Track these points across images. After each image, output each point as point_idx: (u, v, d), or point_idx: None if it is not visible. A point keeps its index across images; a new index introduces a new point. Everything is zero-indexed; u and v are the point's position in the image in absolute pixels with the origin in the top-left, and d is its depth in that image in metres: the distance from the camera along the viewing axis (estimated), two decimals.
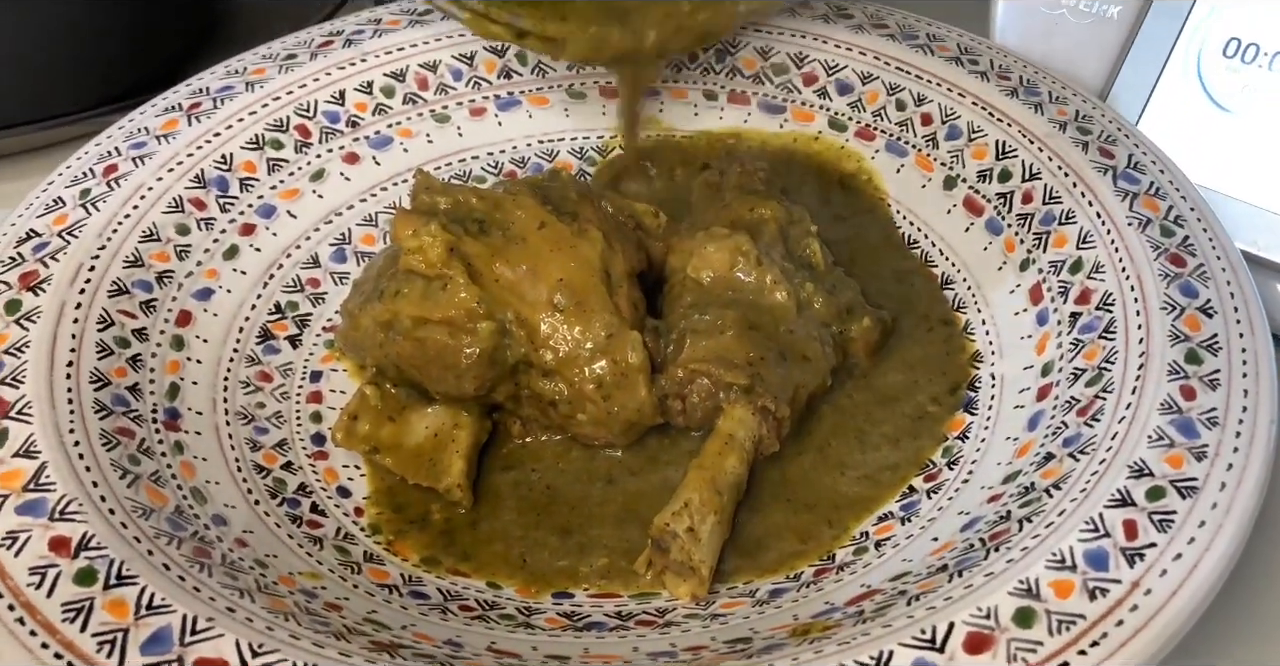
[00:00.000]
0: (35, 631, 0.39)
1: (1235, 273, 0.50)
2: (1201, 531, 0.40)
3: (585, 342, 0.50)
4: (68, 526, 0.42)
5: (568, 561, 0.49)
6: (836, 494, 0.51)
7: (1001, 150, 0.59)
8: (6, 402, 0.46)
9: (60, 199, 0.55)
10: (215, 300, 0.56)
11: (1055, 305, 0.53)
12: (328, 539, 0.49)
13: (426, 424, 0.52)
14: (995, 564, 0.41)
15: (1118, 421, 0.45)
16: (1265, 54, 0.57)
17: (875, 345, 0.55)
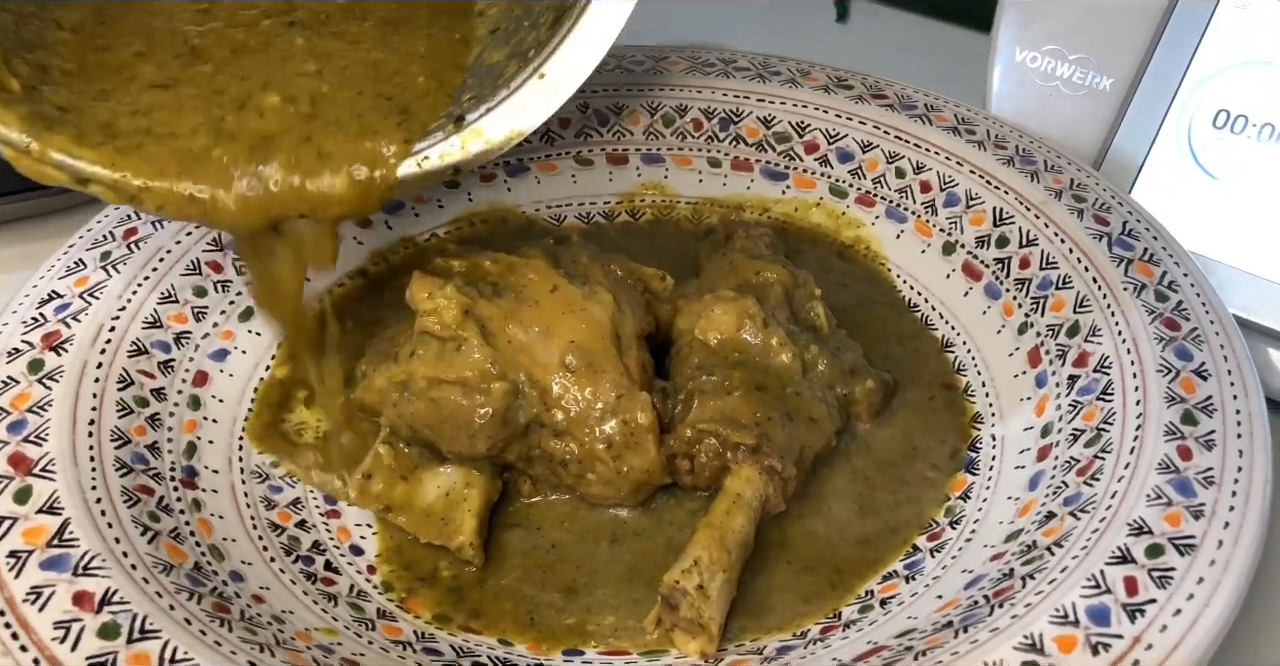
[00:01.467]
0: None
1: (1228, 336, 0.51)
2: (1200, 588, 0.41)
3: (596, 403, 0.51)
4: (91, 581, 0.43)
5: (575, 619, 0.49)
6: (837, 556, 0.51)
7: (999, 217, 0.60)
8: (30, 460, 0.47)
9: (81, 261, 0.56)
10: (231, 361, 0.58)
11: (1054, 367, 0.54)
12: (342, 596, 0.50)
13: (439, 483, 0.53)
14: (1000, 619, 0.42)
15: (1117, 480, 0.46)
16: (1253, 125, 0.59)
17: (878, 407, 0.56)
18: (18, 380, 0.51)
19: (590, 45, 0.48)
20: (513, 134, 0.49)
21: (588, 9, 0.47)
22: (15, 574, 0.43)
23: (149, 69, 0.50)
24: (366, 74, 0.51)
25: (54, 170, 0.46)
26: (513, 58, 0.50)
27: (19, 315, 0.54)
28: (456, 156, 0.48)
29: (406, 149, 0.48)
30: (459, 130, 0.48)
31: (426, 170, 0.48)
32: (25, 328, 0.53)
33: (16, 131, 0.45)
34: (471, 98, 0.50)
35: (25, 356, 0.51)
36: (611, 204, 0.69)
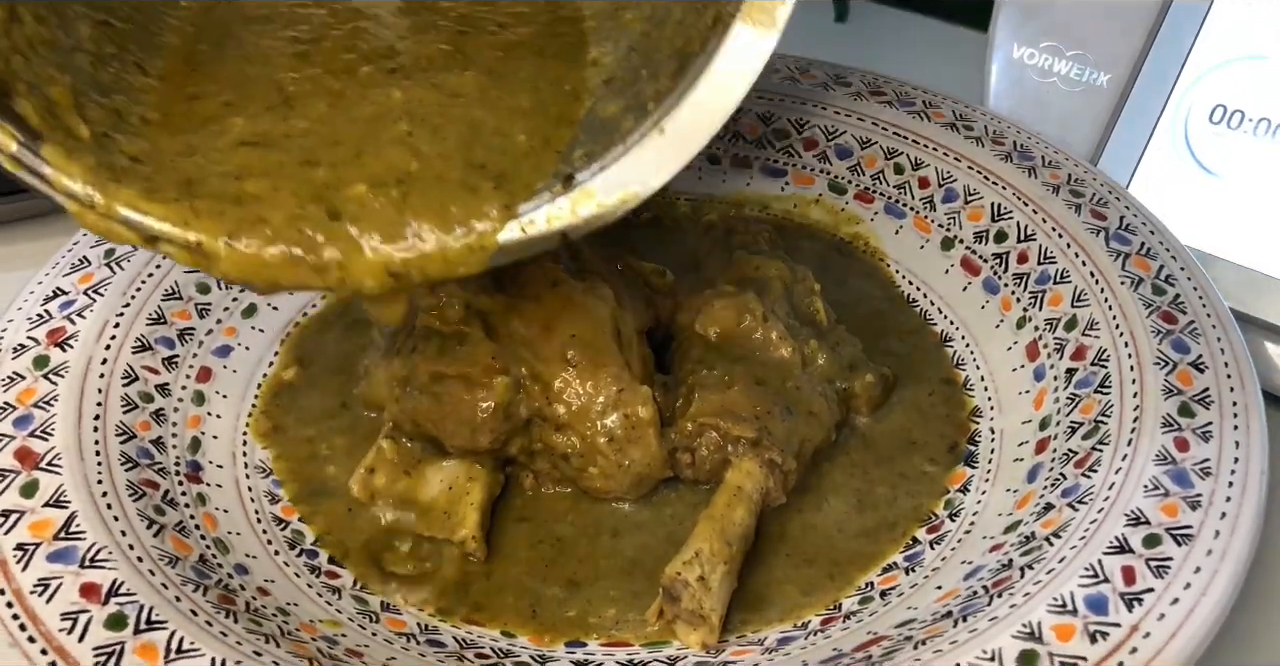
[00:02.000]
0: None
1: (1225, 329, 0.52)
2: (1197, 577, 0.42)
3: (597, 397, 0.51)
4: (98, 573, 0.43)
5: (577, 611, 0.50)
6: (836, 549, 0.52)
7: (997, 212, 0.61)
8: (36, 454, 0.48)
9: (86, 258, 0.57)
10: (234, 356, 0.58)
11: (1052, 361, 0.55)
12: (346, 589, 0.50)
13: (441, 477, 0.53)
14: (999, 609, 0.42)
15: (1114, 472, 0.47)
16: (1250, 120, 0.59)
17: (877, 400, 0.57)
18: (23, 375, 0.51)
19: (718, 98, 0.41)
20: (627, 196, 0.43)
21: (715, 56, 0.41)
22: (23, 566, 0.43)
23: (239, 122, 0.46)
24: (463, 137, 0.46)
25: (122, 227, 0.42)
26: (630, 110, 0.44)
27: (24, 311, 0.54)
28: (565, 220, 0.43)
29: (508, 213, 0.43)
30: (568, 191, 0.43)
31: (531, 235, 0.43)
32: (31, 324, 0.53)
33: (80, 183, 0.42)
34: (583, 155, 0.44)
35: (31, 352, 0.52)
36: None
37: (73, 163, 0.41)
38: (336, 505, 0.54)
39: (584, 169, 0.43)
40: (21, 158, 0.41)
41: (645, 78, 0.45)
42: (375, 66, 0.49)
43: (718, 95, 0.41)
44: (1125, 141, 0.63)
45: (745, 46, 0.40)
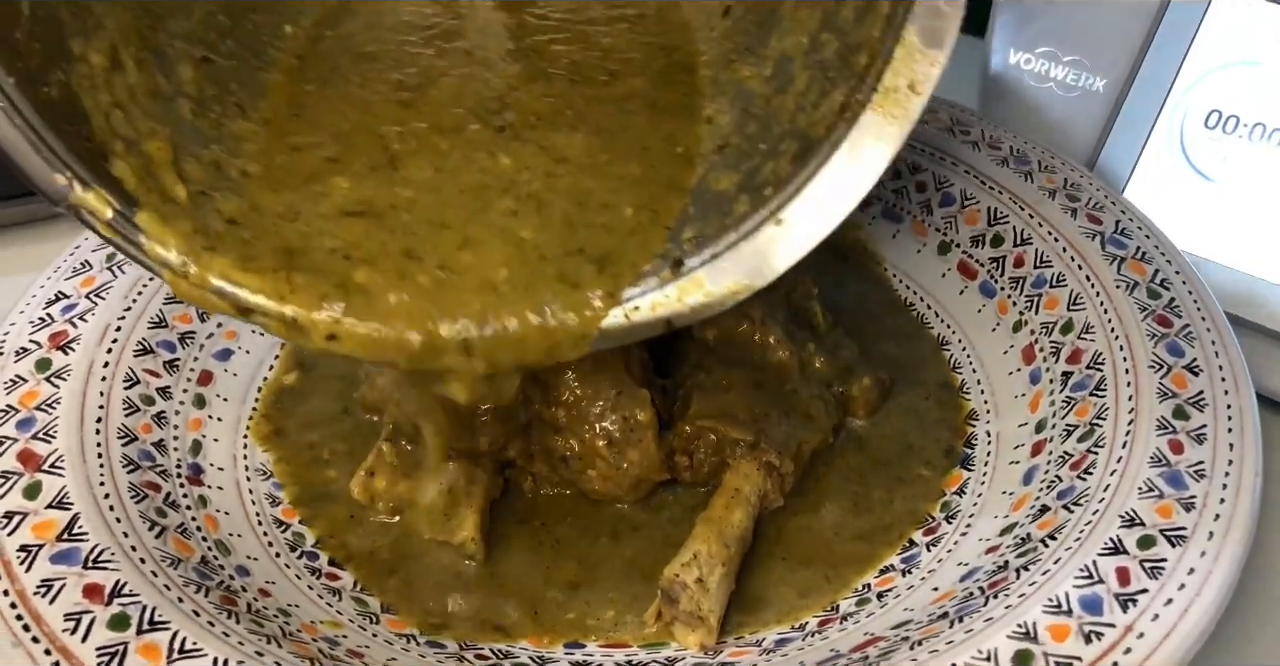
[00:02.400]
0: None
1: (1220, 333, 0.52)
2: (1191, 578, 0.42)
3: (596, 400, 0.51)
4: (101, 574, 0.44)
5: (576, 613, 0.50)
6: (833, 552, 0.52)
7: (993, 216, 0.61)
8: (39, 456, 0.48)
9: (87, 262, 0.57)
10: (235, 360, 0.58)
11: (1048, 364, 0.55)
12: (346, 590, 0.50)
13: (441, 480, 0.53)
14: (994, 610, 0.42)
15: (1109, 474, 0.47)
16: (1245, 125, 0.60)
17: (875, 404, 0.57)
18: (26, 379, 0.51)
19: (839, 193, 0.40)
20: (738, 288, 0.41)
21: (841, 146, 0.39)
22: (26, 567, 0.43)
23: (343, 183, 0.45)
24: (568, 215, 0.44)
25: (215, 298, 0.41)
26: (744, 190, 0.43)
27: (26, 315, 0.54)
28: (671, 308, 0.42)
29: (613, 301, 0.42)
30: (676, 278, 0.42)
31: (635, 322, 0.42)
32: (33, 327, 0.54)
33: (175, 252, 0.41)
34: (693, 237, 0.43)
35: (33, 355, 0.52)
36: None
37: (168, 230, 0.41)
38: (337, 509, 0.54)
39: (694, 254, 0.42)
40: (116, 225, 0.40)
41: (762, 153, 0.43)
42: (484, 124, 0.48)
43: (840, 190, 0.40)
44: (1121, 146, 0.63)
45: (873, 139, 0.39)
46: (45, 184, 0.39)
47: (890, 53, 0.38)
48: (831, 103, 0.40)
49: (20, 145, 0.38)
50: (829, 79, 0.42)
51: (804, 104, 0.43)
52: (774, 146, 0.43)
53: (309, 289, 0.41)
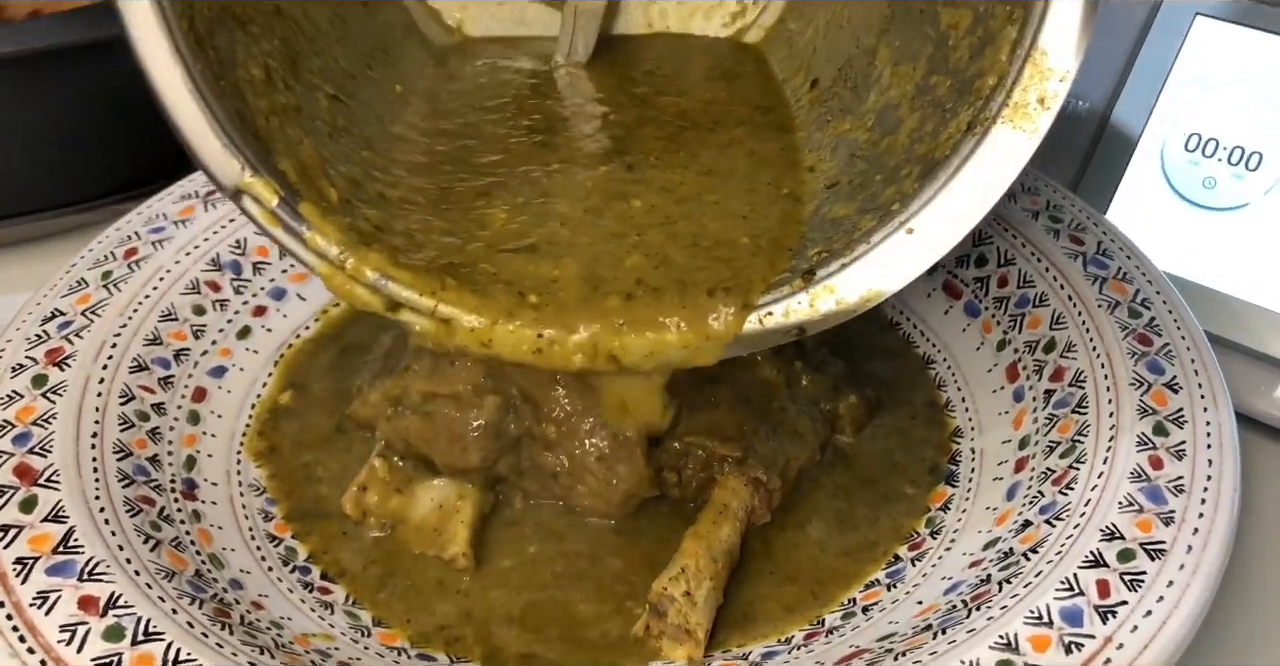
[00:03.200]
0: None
1: (1199, 351, 0.53)
2: (1170, 590, 0.43)
3: (586, 417, 0.52)
4: (96, 586, 0.44)
5: (565, 627, 0.50)
6: (818, 568, 0.53)
7: (978, 237, 0.62)
8: (35, 470, 0.48)
9: (83, 280, 0.58)
10: (229, 377, 0.59)
11: (1030, 382, 0.56)
12: (338, 604, 0.51)
13: (432, 495, 0.54)
14: (976, 621, 0.43)
15: (1090, 489, 0.48)
16: (1224, 148, 0.61)
17: (861, 421, 0.58)
18: (22, 394, 0.52)
19: (971, 201, 0.41)
20: (870, 294, 0.43)
21: (970, 160, 0.41)
22: (22, 579, 0.44)
23: (500, 216, 0.48)
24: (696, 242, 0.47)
25: (366, 291, 0.43)
26: (867, 212, 0.44)
27: (23, 332, 0.55)
28: (804, 314, 0.43)
29: (746, 311, 0.44)
30: (808, 286, 0.43)
31: (768, 328, 0.44)
32: (29, 344, 0.54)
33: (334, 244, 0.43)
34: (820, 252, 0.44)
35: (29, 371, 0.53)
36: None
37: (327, 222, 0.43)
38: (329, 525, 0.54)
39: (825, 265, 0.43)
40: (280, 213, 0.42)
41: (880, 182, 0.45)
42: (614, 166, 0.51)
43: (971, 199, 0.41)
44: (1103, 169, 0.64)
45: (1003, 151, 0.40)
46: (218, 166, 0.41)
47: (1020, 73, 0.40)
48: (956, 124, 0.42)
49: (201, 127, 0.40)
50: (946, 110, 0.43)
51: (920, 136, 0.44)
52: (892, 175, 0.44)
53: (459, 290, 0.44)
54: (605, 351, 0.44)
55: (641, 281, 0.45)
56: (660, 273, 0.45)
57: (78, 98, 0.71)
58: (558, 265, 0.46)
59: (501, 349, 0.44)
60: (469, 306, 0.44)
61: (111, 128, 0.74)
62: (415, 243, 0.45)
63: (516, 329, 0.44)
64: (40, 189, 0.74)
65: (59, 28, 0.67)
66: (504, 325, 0.44)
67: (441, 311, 0.44)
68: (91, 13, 0.68)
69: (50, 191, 0.74)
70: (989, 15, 0.42)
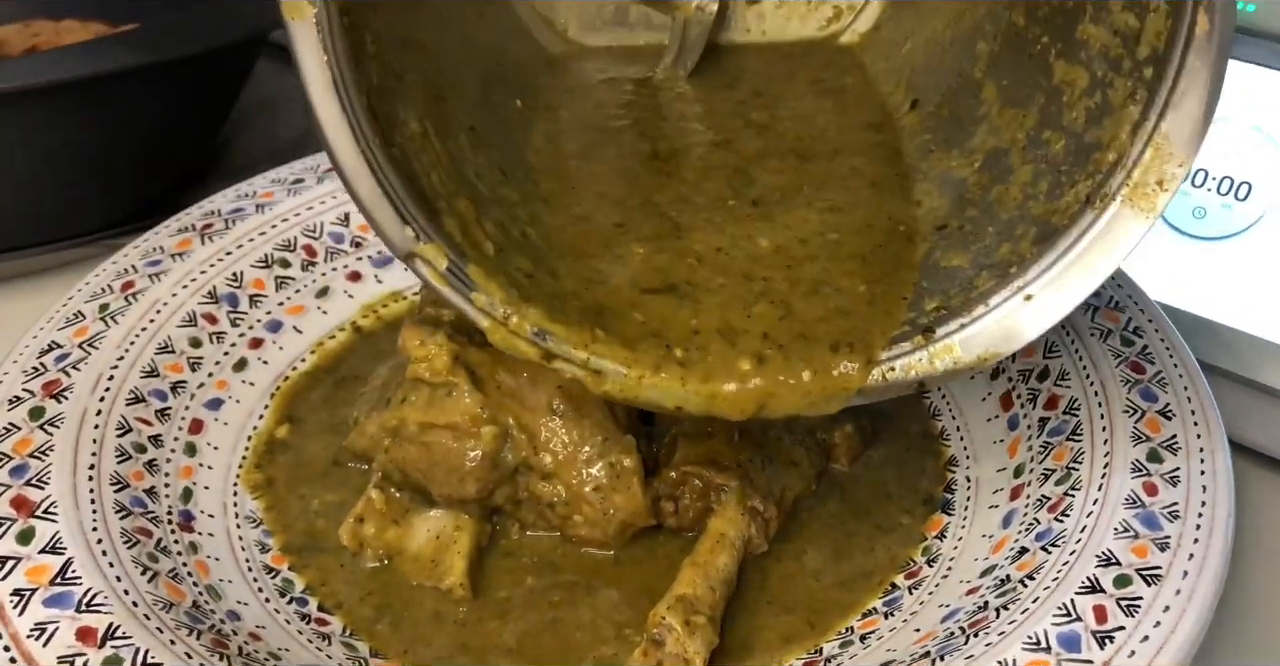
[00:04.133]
0: None
1: (1191, 379, 0.53)
2: (1166, 615, 0.43)
3: (583, 446, 0.52)
4: (94, 617, 0.44)
5: (562, 658, 0.50)
6: (814, 598, 0.53)
7: None
8: (32, 502, 0.48)
9: (80, 313, 0.58)
10: (225, 410, 0.59)
11: (1025, 411, 0.56)
12: (335, 636, 0.51)
13: (429, 527, 0.54)
14: (975, 648, 0.43)
15: (1086, 516, 0.48)
16: (1213, 178, 0.61)
17: (857, 451, 0.58)
18: (19, 426, 0.52)
19: (1089, 275, 0.44)
20: (987, 356, 0.45)
21: (1089, 235, 0.43)
22: (19, 611, 0.44)
23: (638, 249, 0.50)
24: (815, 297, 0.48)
25: (526, 344, 0.45)
26: (982, 268, 0.46)
27: (19, 365, 0.55)
28: (924, 370, 0.46)
29: (869, 369, 0.46)
30: (928, 344, 0.46)
31: (890, 382, 0.46)
32: (26, 376, 0.54)
33: (499, 304, 0.45)
34: (937, 308, 0.46)
35: (26, 404, 0.53)
36: None
37: (491, 282, 0.44)
38: (326, 557, 0.54)
39: (943, 323, 0.46)
40: (449, 276, 0.43)
41: (994, 235, 0.47)
42: (739, 198, 0.53)
43: (1088, 273, 0.43)
44: None
45: (1121, 228, 0.42)
46: (394, 234, 0.42)
47: (1142, 155, 0.42)
48: (1075, 194, 0.44)
49: (377, 198, 0.42)
50: (1063, 173, 0.45)
51: (1035, 194, 0.46)
52: (1007, 230, 0.46)
53: (611, 342, 0.46)
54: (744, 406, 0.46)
55: (769, 336, 0.47)
56: (785, 325, 0.47)
57: (74, 133, 0.72)
58: (696, 313, 0.47)
59: (648, 396, 0.46)
60: (619, 359, 0.46)
61: (108, 162, 0.75)
62: (563, 289, 0.48)
63: (662, 381, 0.46)
64: (37, 223, 0.74)
65: (56, 64, 0.68)
66: (651, 378, 0.46)
67: (593, 364, 0.46)
68: (88, 48, 0.69)
69: (46, 226, 0.74)
70: (1107, 83, 0.43)
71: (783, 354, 0.46)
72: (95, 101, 0.70)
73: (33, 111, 0.68)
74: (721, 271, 0.49)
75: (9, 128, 0.69)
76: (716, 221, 0.52)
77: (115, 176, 0.76)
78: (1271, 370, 0.59)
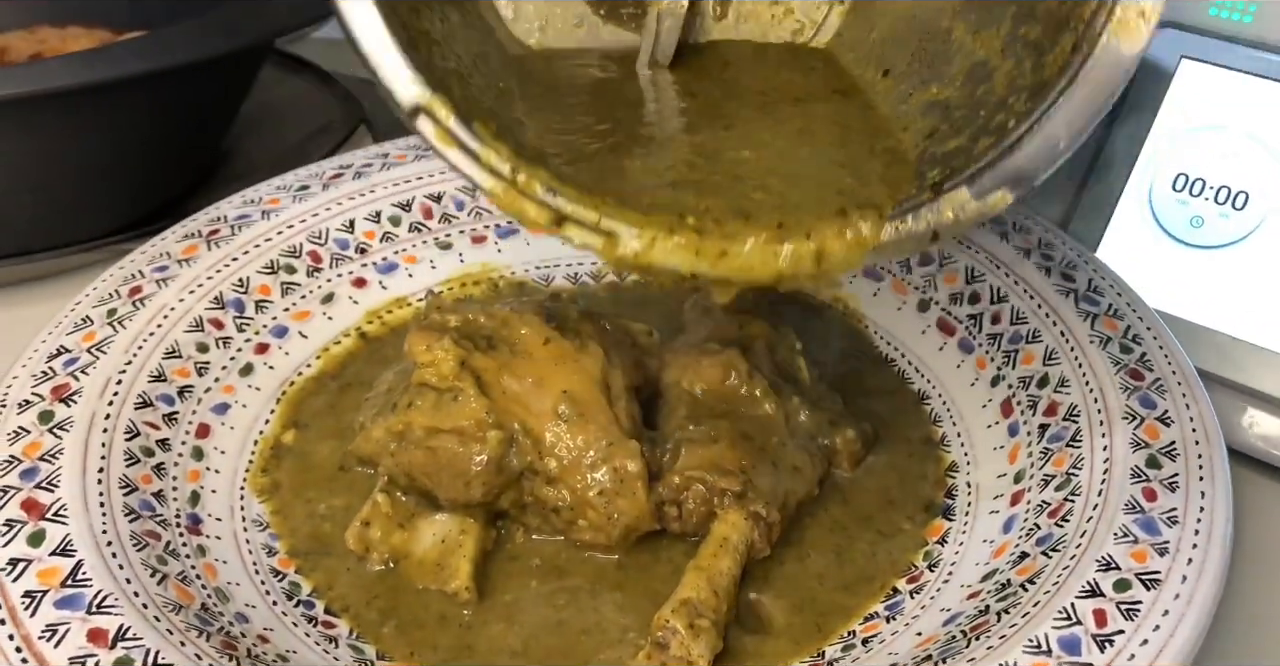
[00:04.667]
0: None
1: (1190, 386, 0.54)
2: (1166, 619, 0.43)
3: (588, 451, 0.53)
4: (105, 619, 0.44)
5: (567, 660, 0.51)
6: (818, 601, 0.53)
7: (971, 275, 0.63)
8: (43, 505, 0.49)
9: (88, 318, 0.59)
10: (231, 414, 0.60)
11: (1025, 417, 0.57)
12: (342, 638, 0.51)
13: (434, 531, 0.54)
14: (976, 651, 0.44)
15: (1086, 521, 0.48)
16: (1210, 188, 0.62)
17: (859, 456, 0.59)
18: (28, 430, 0.52)
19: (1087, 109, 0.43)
20: (998, 200, 0.45)
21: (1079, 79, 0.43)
22: (31, 612, 0.44)
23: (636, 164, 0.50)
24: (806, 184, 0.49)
25: (534, 206, 0.44)
26: (980, 136, 0.46)
27: (29, 369, 0.56)
28: (935, 218, 0.45)
29: (882, 222, 0.45)
30: (937, 198, 0.45)
31: (903, 234, 0.45)
32: (35, 380, 0.55)
33: (506, 161, 0.44)
34: (940, 172, 0.46)
35: (36, 407, 0.53)
36: (598, 265, 0.71)
37: (499, 141, 0.44)
38: (332, 560, 0.55)
39: (950, 180, 0.45)
40: (455, 130, 0.43)
41: (984, 117, 0.47)
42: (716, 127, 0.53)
43: (1086, 107, 0.43)
44: (1093, 208, 0.65)
45: (1112, 60, 0.42)
46: (401, 84, 0.42)
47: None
48: (1062, 49, 0.44)
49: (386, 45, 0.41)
50: (1045, 43, 0.45)
51: (1021, 72, 0.46)
52: (1000, 106, 0.46)
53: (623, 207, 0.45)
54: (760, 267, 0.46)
55: (779, 209, 0.46)
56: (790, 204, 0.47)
57: (80, 139, 0.72)
58: (702, 199, 0.47)
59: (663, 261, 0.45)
60: (631, 221, 0.45)
61: (114, 168, 0.75)
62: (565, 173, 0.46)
63: (677, 245, 0.45)
64: (43, 229, 0.75)
65: (61, 70, 0.68)
66: (665, 240, 0.45)
67: (605, 225, 0.44)
68: (93, 55, 0.69)
69: (53, 231, 0.75)
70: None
71: (795, 219, 0.46)
72: (101, 108, 0.70)
73: (39, 118, 0.69)
74: (714, 175, 0.49)
75: (16, 134, 0.69)
76: (695, 142, 0.52)
77: (121, 182, 0.77)
78: (1269, 377, 0.60)
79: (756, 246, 0.45)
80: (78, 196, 0.75)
